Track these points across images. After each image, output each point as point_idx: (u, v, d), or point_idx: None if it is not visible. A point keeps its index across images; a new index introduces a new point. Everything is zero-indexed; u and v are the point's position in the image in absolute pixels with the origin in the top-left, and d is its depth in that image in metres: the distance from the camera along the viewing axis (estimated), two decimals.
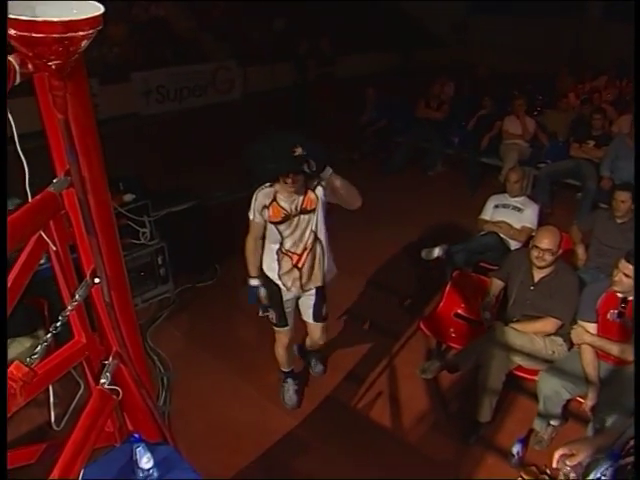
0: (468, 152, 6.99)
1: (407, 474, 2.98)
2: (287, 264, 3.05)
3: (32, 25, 1.09)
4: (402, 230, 5.66)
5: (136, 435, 1.87)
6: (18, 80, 1.21)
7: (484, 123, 7.00)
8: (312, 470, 2.98)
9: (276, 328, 3.27)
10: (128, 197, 4.23)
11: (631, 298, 2.87)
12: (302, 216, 2.93)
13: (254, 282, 3.13)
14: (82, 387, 3.36)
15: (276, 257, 3.04)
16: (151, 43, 10.52)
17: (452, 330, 3.60)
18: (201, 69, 10.99)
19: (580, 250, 4.13)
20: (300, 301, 3.24)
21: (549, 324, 3.19)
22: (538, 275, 3.30)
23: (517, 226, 4.29)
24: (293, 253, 3.02)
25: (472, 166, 6.88)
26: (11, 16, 1.08)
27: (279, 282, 3.10)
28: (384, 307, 4.49)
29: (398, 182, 7.08)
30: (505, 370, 3.15)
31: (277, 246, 3.01)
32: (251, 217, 2.97)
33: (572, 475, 1.73)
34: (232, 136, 8.55)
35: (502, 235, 4.30)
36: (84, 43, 1.20)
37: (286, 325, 3.24)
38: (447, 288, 3.73)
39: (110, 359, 1.77)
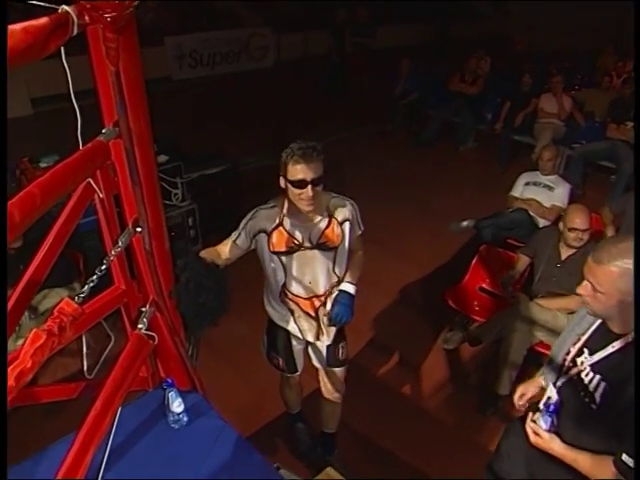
0: (501, 129, 6.89)
1: (422, 440, 3.06)
2: (297, 310, 2.39)
3: None
4: (430, 203, 5.66)
5: (169, 380, 1.97)
6: (75, 31, 1.26)
7: (520, 100, 6.87)
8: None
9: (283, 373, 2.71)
10: (162, 158, 4.30)
11: None
12: (318, 252, 2.24)
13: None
14: (112, 340, 3.51)
15: (279, 298, 2.38)
16: (185, 9, 10.51)
17: (476, 303, 3.63)
18: (235, 35, 10.95)
19: (610, 232, 4.08)
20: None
21: (573, 301, 3.19)
22: (565, 253, 3.31)
23: (547, 204, 4.26)
24: (301, 299, 2.34)
25: (504, 143, 6.79)
26: None
27: (288, 327, 2.46)
28: (408, 277, 4.52)
29: (429, 155, 7.05)
30: (527, 344, 3.18)
31: (279, 287, 2.33)
32: (233, 236, 2.23)
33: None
34: (264, 103, 8.60)
35: (531, 213, 4.28)
36: None
37: (296, 371, 2.65)
38: (473, 262, 3.74)
39: (147, 306, 1.86)
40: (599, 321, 1.73)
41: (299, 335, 2.46)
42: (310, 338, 2.45)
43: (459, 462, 2.86)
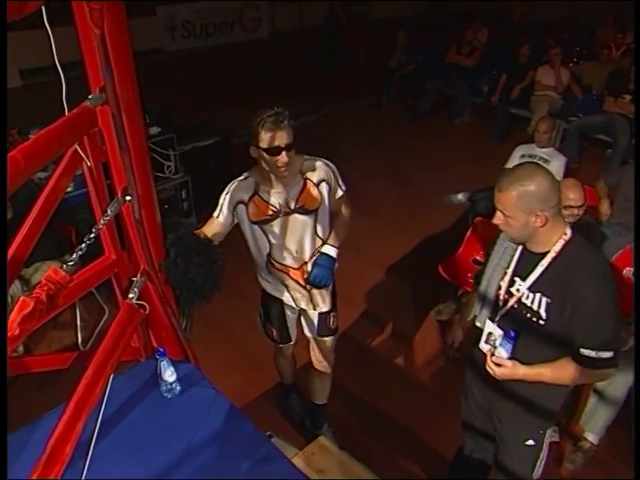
0: (498, 101, 6.84)
1: (416, 409, 3.09)
2: (287, 279, 2.38)
3: None
4: (425, 176, 5.64)
5: (161, 349, 1.96)
6: None
7: (516, 72, 6.80)
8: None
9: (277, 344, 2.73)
10: (154, 130, 4.26)
11: None
12: (299, 217, 2.21)
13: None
14: (107, 312, 3.51)
15: (267, 269, 2.37)
16: None
17: (470, 275, 3.62)
18: (228, 6, 10.77)
19: (605, 205, 4.07)
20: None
21: None
22: None
23: None
24: (289, 268, 2.33)
25: (500, 116, 6.74)
26: None
27: (282, 297, 2.46)
28: (402, 249, 4.53)
29: (424, 128, 7.02)
30: None
31: (264, 257, 2.32)
32: (215, 214, 2.20)
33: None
34: (258, 75, 8.49)
35: None
36: None
37: (290, 341, 2.68)
38: (467, 234, 3.73)
39: (138, 276, 1.85)
40: (519, 250, 1.85)
41: (293, 304, 2.46)
42: (304, 306, 2.44)
43: (452, 430, 2.89)
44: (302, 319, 2.59)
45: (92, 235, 1.54)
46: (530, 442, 2.01)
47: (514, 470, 2.11)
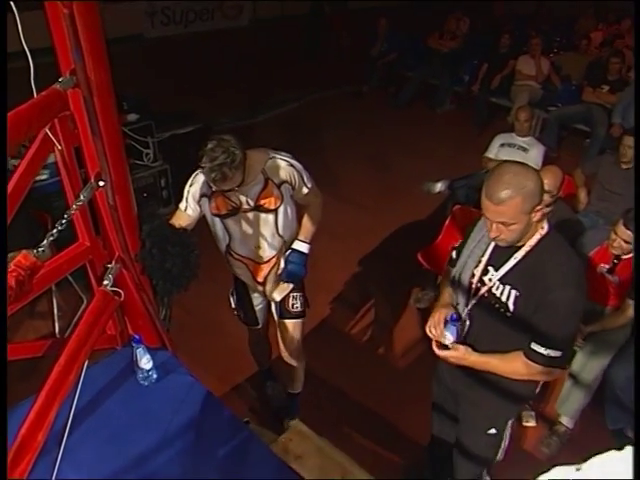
0: (478, 90, 6.87)
1: (395, 397, 3.11)
2: (245, 273, 2.43)
3: None
4: (406, 164, 5.66)
5: (137, 337, 1.95)
6: None
7: (497, 62, 6.83)
8: (304, 389, 3.09)
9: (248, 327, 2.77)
10: (132, 117, 4.20)
11: (625, 257, 2.88)
12: (259, 214, 2.23)
13: None
14: (85, 301, 3.46)
15: (226, 258, 2.43)
16: None
17: None
18: None
19: (582, 194, 4.12)
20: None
21: None
22: None
23: None
24: (248, 260, 2.37)
25: (481, 105, 6.78)
26: None
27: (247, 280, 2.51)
28: (382, 237, 4.54)
29: (405, 117, 7.01)
30: None
31: (224, 247, 2.38)
32: (182, 207, 2.22)
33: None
34: (240, 63, 8.41)
35: None
36: None
37: (257, 324, 2.71)
38: (447, 222, 3.75)
39: (113, 263, 1.83)
40: None
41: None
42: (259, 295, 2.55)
43: (430, 417, 2.92)
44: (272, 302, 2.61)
45: (64, 221, 1.51)
46: (492, 431, 2.03)
47: (473, 455, 2.14)
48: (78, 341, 1.61)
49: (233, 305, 2.68)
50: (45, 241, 1.43)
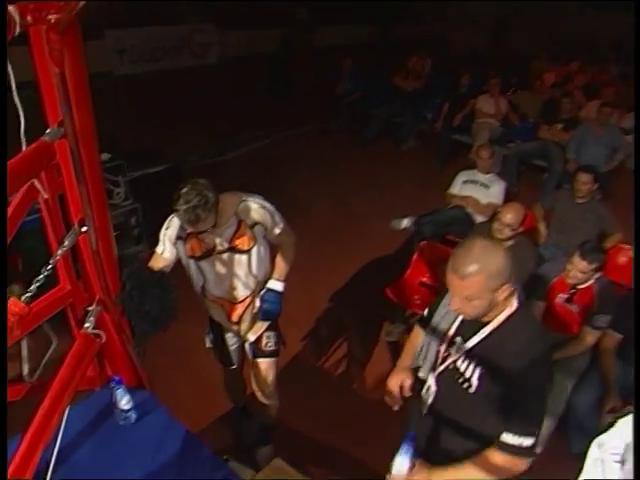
0: (440, 128, 7.11)
1: (372, 427, 3.14)
2: (219, 313, 2.51)
3: None
4: (372, 201, 5.81)
5: (116, 378, 1.97)
6: (17, 31, 1.26)
7: (458, 101, 7.11)
8: (280, 417, 3.08)
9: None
10: (105, 156, 4.23)
11: (581, 286, 3.03)
12: (233, 255, 2.30)
13: None
14: (55, 342, 3.42)
15: (202, 299, 2.50)
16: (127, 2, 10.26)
17: (417, 297, 3.76)
18: (177, 31, 10.82)
19: (542, 227, 4.32)
20: None
21: None
22: None
23: (484, 202, 4.45)
24: (223, 300, 2.44)
25: (443, 142, 7.00)
26: None
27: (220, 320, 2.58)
28: (350, 273, 4.63)
29: (371, 154, 7.20)
30: None
31: (199, 288, 2.44)
32: (159, 251, 2.30)
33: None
34: (207, 101, 8.53)
35: (468, 209, 4.47)
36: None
37: (232, 364, 2.76)
38: (414, 257, 3.87)
39: (94, 305, 1.86)
40: None
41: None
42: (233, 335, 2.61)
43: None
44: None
45: (49, 267, 1.55)
46: None
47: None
48: (61, 384, 1.63)
49: (208, 345, 2.73)
50: (33, 286, 1.47)
